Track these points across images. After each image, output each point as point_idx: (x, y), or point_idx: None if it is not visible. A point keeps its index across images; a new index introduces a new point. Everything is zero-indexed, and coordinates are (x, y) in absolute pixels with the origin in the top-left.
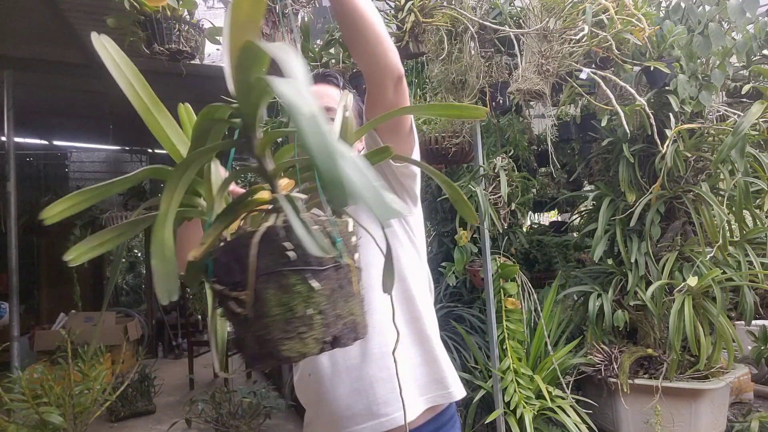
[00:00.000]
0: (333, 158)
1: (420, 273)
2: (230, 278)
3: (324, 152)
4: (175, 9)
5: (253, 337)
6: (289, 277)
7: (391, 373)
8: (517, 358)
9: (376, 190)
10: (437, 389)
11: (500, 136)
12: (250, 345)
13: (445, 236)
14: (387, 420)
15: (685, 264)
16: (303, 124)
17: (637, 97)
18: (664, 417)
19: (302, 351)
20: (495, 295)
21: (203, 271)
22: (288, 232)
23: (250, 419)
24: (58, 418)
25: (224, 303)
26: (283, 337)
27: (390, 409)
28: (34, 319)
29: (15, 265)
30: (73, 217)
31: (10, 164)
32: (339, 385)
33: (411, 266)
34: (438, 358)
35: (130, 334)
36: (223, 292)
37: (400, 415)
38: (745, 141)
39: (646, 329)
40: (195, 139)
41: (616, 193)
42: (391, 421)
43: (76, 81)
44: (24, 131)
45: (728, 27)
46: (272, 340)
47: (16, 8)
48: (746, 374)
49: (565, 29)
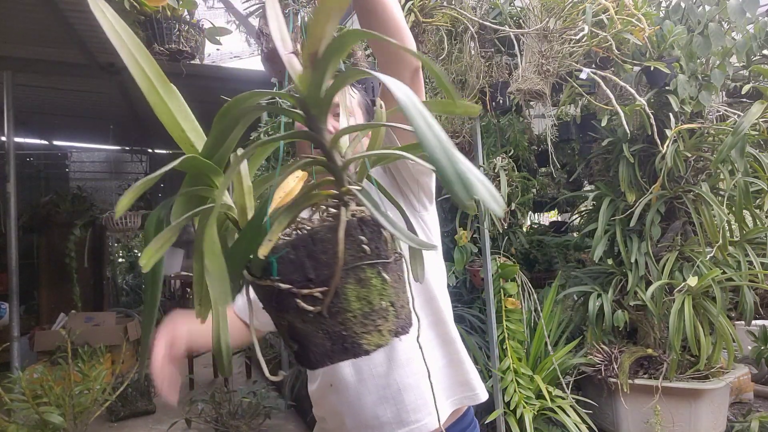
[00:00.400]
0: (452, 157)
1: (439, 272)
2: (300, 275)
3: (442, 151)
4: (175, 9)
5: (326, 334)
6: (366, 271)
7: (418, 379)
8: (517, 358)
9: (486, 184)
10: (463, 391)
11: (500, 136)
12: (320, 343)
13: (445, 236)
14: (417, 426)
15: (685, 264)
16: (421, 124)
17: (637, 97)
18: (664, 417)
19: (379, 343)
20: (495, 295)
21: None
22: (363, 225)
23: (250, 419)
24: (58, 418)
25: (286, 302)
26: (361, 331)
27: (419, 415)
28: (34, 320)
29: (15, 265)
30: (73, 217)
31: (10, 164)
32: (365, 393)
33: (431, 266)
34: (463, 359)
35: (130, 334)
36: (291, 290)
37: (429, 421)
38: (745, 141)
39: (646, 329)
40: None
41: (616, 193)
42: (421, 428)
43: (76, 81)
44: (24, 131)
45: (728, 27)
46: (350, 335)
47: (16, 8)
48: (746, 374)
49: (565, 29)
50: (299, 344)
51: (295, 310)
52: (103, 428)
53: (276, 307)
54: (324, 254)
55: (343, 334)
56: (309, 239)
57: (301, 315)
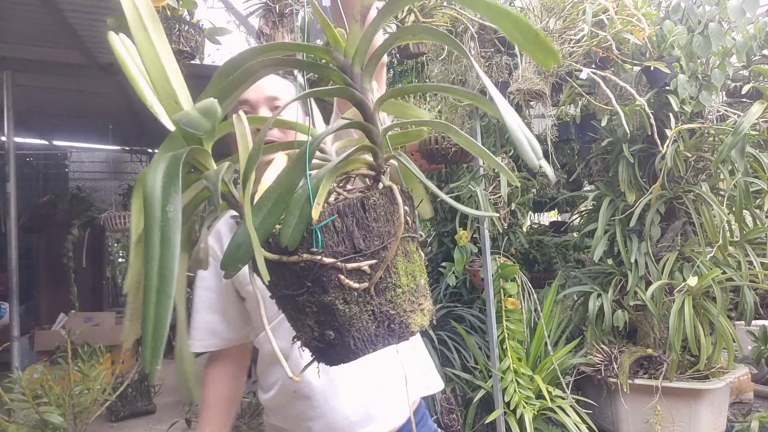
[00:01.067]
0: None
1: None
2: (347, 247)
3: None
4: (175, 9)
5: (371, 315)
6: (410, 244)
7: (387, 375)
8: (517, 358)
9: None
10: (425, 382)
11: (500, 136)
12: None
13: (445, 236)
14: (386, 422)
15: (685, 264)
16: (503, 108)
17: (637, 97)
18: (664, 417)
19: (423, 324)
20: (495, 295)
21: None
22: (404, 196)
23: (249, 419)
24: (58, 418)
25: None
26: (410, 309)
27: (388, 411)
28: (34, 320)
29: (15, 265)
30: (72, 217)
31: (10, 164)
32: (333, 396)
33: None
34: (423, 349)
35: None
36: (335, 265)
37: (397, 414)
38: (745, 141)
39: (646, 329)
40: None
41: (616, 193)
42: (391, 422)
43: (76, 81)
44: (24, 131)
45: (728, 27)
46: (398, 314)
47: (16, 8)
48: (746, 374)
49: (565, 29)
50: (336, 331)
51: (336, 288)
52: (103, 428)
53: (308, 289)
54: (376, 222)
55: (390, 313)
56: (359, 205)
57: (343, 294)
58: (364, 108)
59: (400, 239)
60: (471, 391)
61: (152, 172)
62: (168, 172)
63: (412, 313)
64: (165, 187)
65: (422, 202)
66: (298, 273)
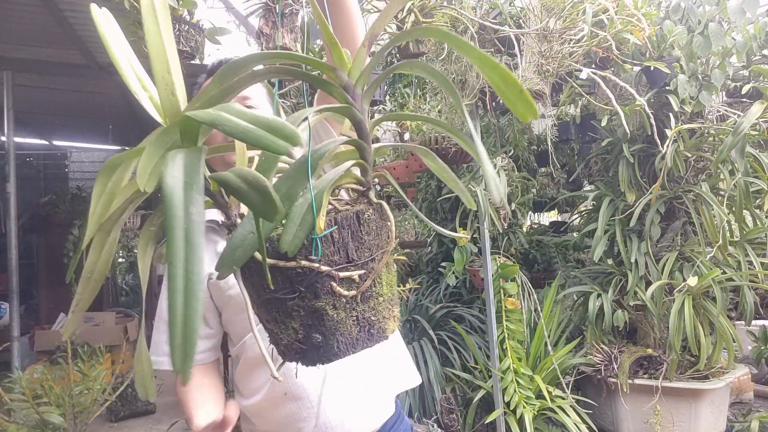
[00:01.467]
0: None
1: None
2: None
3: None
4: (175, 9)
5: (355, 320)
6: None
7: (376, 371)
8: (517, 358)
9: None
10: (404, 377)
11: (500, 136)
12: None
13: (445, 236)
14: (377, 418)
15: (685, 264)
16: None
17: (637, 97)
18: (663, 417)
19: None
20: (495, 295)
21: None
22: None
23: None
24: (58, 418)
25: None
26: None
27: (377, 407)
28: (34, 319)
29: (15, 265)
30: (72, 217)
31: (10, 164)
32: (324, 394)
33: None
34: (402, 347)
35: (130, 334)
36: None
37: (384, 410)
38: (745, 141)
39: (646, 329)
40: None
41: (616, 193)
42: (380, 417)
43: (76, 81)
44: (24, 131)
45: (728, 27)
46: (378, 320)
47: (16, 9)
48: (746, 374)
49: (565, 29)
50: (322, 335)
51: (328, 295)
52: (102, 428)
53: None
54: (368, 235)
55: (371, 319)
56: (355, 218)
57: (333, 300)
58: (362, 127)
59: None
60: (471, 391)
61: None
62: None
63: (388, 320)
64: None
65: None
66: (291, 278)
